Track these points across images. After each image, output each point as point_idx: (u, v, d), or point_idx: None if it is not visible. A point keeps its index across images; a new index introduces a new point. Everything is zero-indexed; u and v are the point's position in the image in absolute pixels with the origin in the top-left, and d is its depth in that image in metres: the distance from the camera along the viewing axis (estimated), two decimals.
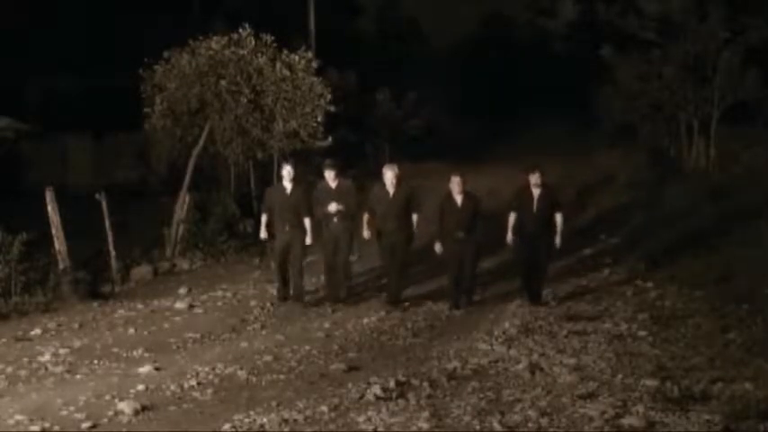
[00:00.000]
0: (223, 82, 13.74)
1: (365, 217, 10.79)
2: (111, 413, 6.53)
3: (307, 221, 10.74)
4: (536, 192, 10.46)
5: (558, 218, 10.49)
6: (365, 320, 9.73)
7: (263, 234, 11.19)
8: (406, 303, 10.58)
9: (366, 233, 10.80)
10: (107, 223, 12.42)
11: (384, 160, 18.83)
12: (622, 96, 19.48)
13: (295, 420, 6.24)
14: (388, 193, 10.68)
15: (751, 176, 15.92)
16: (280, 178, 11.23)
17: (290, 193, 10.76)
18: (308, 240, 10.77)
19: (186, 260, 13.46)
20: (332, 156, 12.66)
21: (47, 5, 20.24)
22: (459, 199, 10.46)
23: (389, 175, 10.65)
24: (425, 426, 5.97)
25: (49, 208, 11.61)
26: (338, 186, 10.89)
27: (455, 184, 10.48)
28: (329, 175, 10.86)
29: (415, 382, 7.10)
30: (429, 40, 32.73)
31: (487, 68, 29.54)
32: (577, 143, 20.75)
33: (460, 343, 8.54)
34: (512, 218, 10.58)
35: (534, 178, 10.46)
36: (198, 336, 9.18)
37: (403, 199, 10.69)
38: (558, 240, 10.49)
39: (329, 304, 10.65)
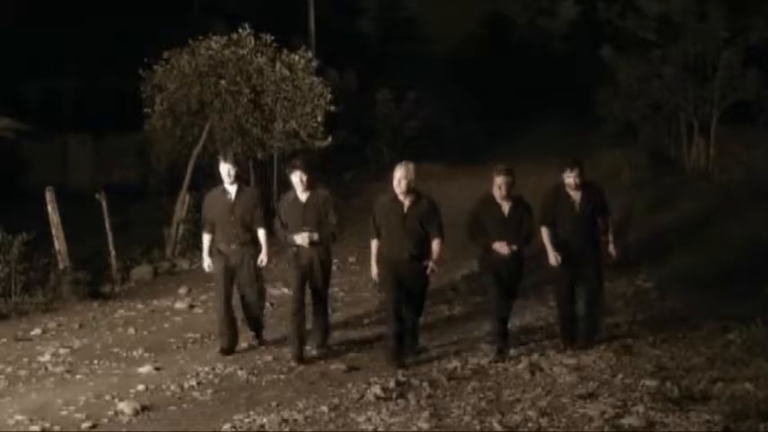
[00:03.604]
0: (223, 82, 13.74)
1: (373, 245, 7.75)
2: (111, 413, 6.54)
3: (261, 233, 8.13)
4: (576, 195, 7.92)
5: (609, 225, 8.07)
6: (365, 320, 9.73)
7: (206, 263, 8.30)
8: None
9: (375, 271, 7.72)
10: (107, 223, 12.43)
11: (384, 162, 18.73)
12: (622, 96, 19.45)
13: (295, 420, 6.24)
14: (400, 205, 7.58)
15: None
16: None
17: (235, 200, 8.08)
18: (263, 259, 8.13)
19: (186, 260, 13.45)
20: (331, 157, 12.51)
21: (47, 5, 20.23)
22: (506, 207, 7.81)
23: (399, 175, 7.51)
24: (425, 426, 5.97)
25: (49, 208, 11.61)
26: (311, 200, 7.90)
27: (499, 188, 7.77)
28: (297, 181, 7.86)
29: (415, 382, 7.11)
30: (429, 40, 32.71)
31: (487, 68, 29.54)
32: (577, 143, 20.69)
33: (460, 343, 8.54)
34: (545, 233, 7.95)
35: (573, 177, 7.83)
36: (198, 336, 9.19)
37: (423, 216, 7.61)
38: (613, 253, 8.05)
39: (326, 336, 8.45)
